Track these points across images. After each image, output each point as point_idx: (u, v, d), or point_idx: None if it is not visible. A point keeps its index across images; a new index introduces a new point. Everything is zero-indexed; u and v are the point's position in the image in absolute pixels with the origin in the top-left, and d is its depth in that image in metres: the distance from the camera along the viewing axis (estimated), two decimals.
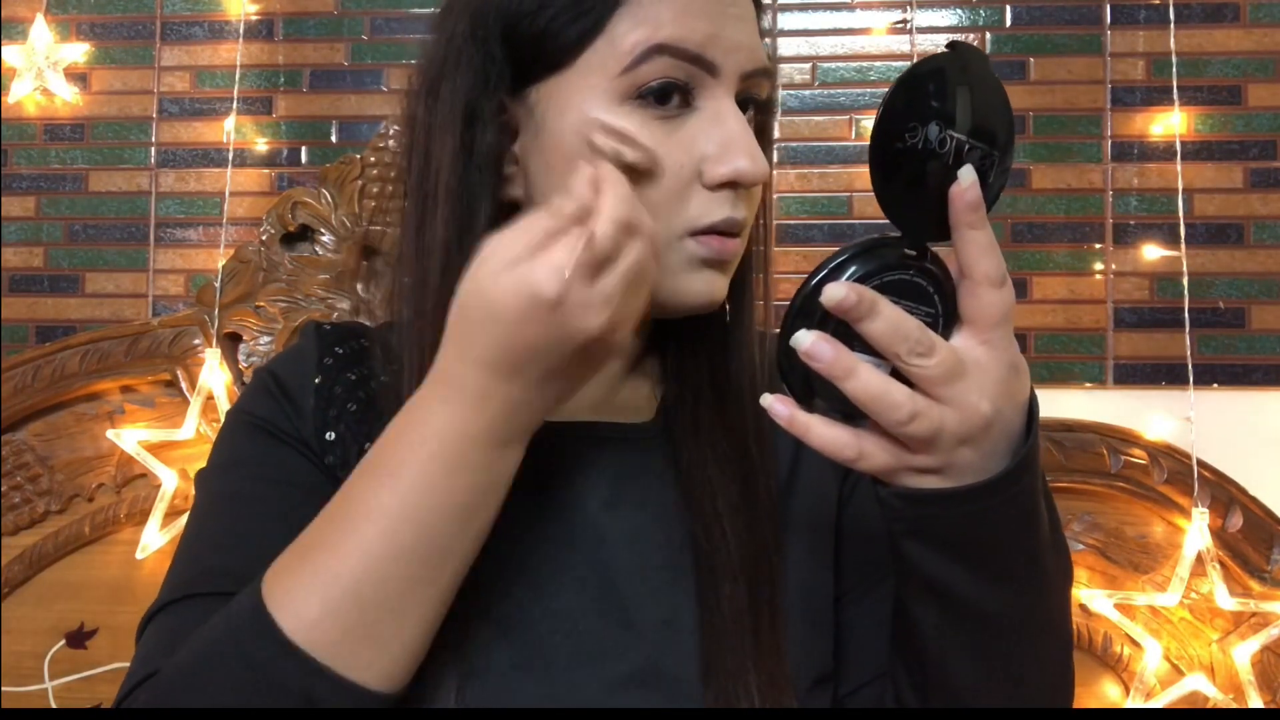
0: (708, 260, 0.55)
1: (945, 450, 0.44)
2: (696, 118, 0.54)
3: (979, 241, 0.44)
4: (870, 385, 0.43)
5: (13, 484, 1.29)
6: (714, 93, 0.54)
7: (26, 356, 1.29)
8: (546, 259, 0.43)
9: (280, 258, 1.30)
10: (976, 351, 0.44)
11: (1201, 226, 1.30)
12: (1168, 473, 1.17)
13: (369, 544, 0.46)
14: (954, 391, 0.43)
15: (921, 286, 0.45)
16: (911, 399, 0.43)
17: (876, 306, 0.42)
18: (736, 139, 0.53)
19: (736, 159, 0.53)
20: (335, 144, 1.40)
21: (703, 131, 0.54)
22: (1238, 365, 1.29)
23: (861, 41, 1.36)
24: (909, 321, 0.43)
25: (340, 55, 1.41)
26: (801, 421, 0.45)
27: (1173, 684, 1.16)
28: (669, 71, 0.53)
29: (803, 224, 1.34)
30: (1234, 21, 1.31)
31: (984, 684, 0.51)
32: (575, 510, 0.58)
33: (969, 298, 0.45)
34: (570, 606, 0.55)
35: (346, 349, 0.63)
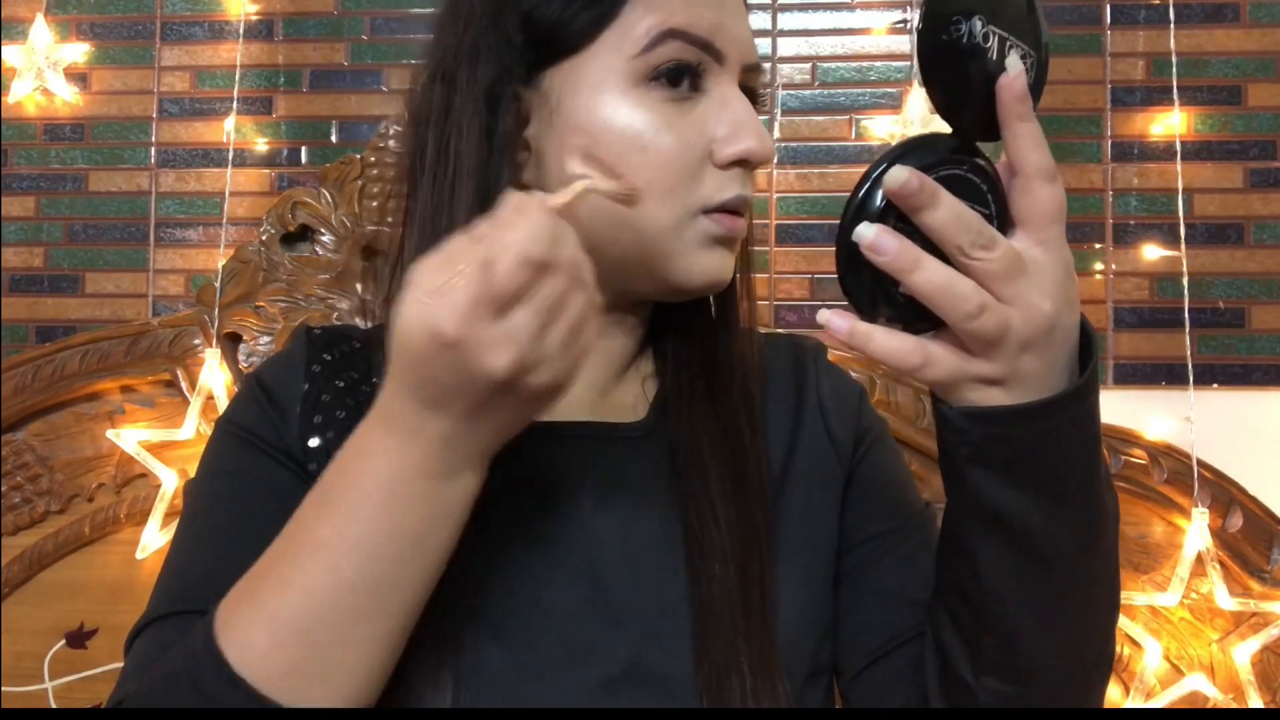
0: (720, 238, 0.56)
1: (1010, 355, 0.43)
2: (706, 101, 0.56)
3: (1030, 134, 0.44)
4: (936, 276, 0.42)
5: (13, 484, 1.29)
6: (720, 78, 0.56)
7: (26, 356, 1.29)
8: (449, 294, 0.41)
9: (280, 258, 1.30)
10: (1034, 251, 0.44)
11: (1201, 226, 1.30)
12: (1168, 473, 1.17)
13: (311, 578, 0.45)
14: (1016, 289, 0.42)
15: (975, 184, 0.44)
16: (978, 291, 0.42)
17: (938, 195, 0.42)
18: (745, 120, 0.55)
19: (746, 139, 0.55)
20: (335, 144, 1.40)
21: (712, 113, 0.56)
22: (1238, 365, 1.29)
23: (861, 41, 1.36)
24: (970, 212, 0.42)
25: (340, 55, 1.41)
26: (862, 332, 0.44)
27: (1173, 684, 1.16)
28: (681, 55, 0.55)
29: (803, 224, 1.34)
30: (1234, 21, 1.31)
31: (1037, 626, 0.51)
32: (568, 511, 0.58)
33: (1022, 195, 0.44)
34: (561, 607, 0.55)
35: (336, 354, 0.62)
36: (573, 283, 0.43)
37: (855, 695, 0.61)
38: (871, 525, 0.63)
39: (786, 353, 0.69)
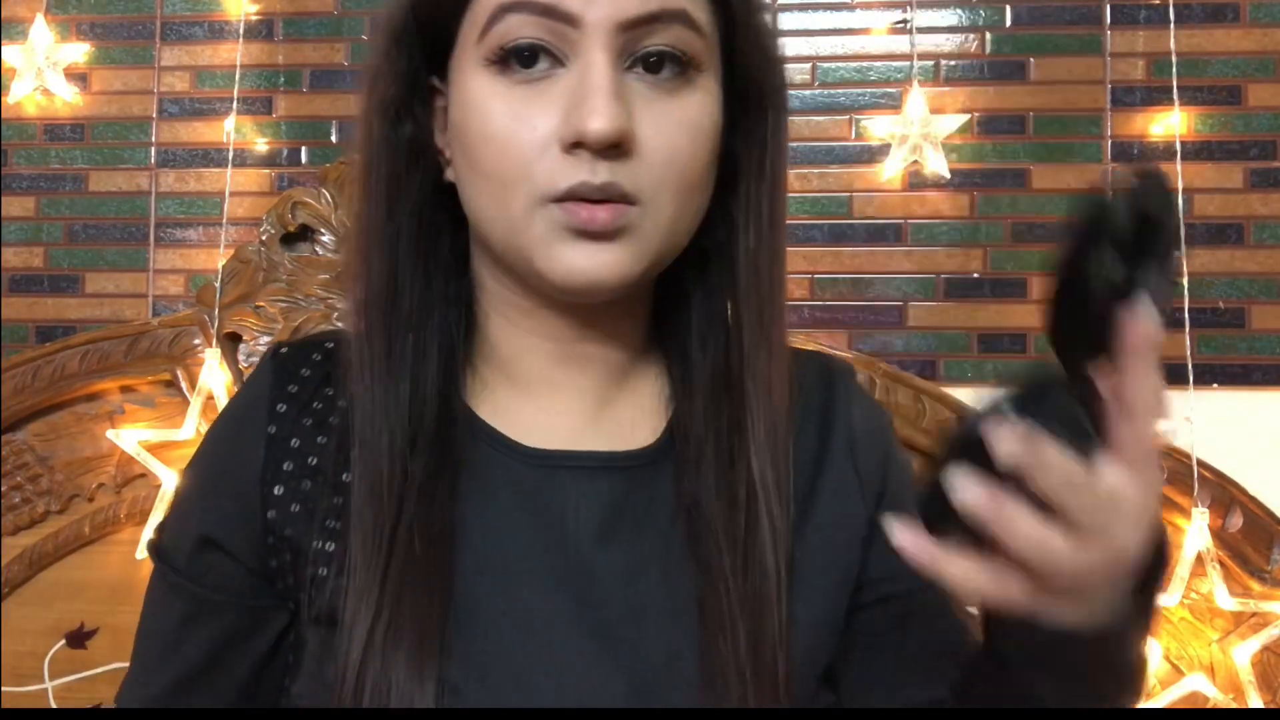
0: (577, 230, 0.50)
1: (1089, 593, 0.41)
2: (566, 78, 0.50)
3: (1151, 378, 0.40)
4: (1031, 539, 0.39)
5: (13, 484, 1.29)
6: (582, 48, 0.50)
7: (26, 356, 1.29)
8: None
9: (280, 258, 1.30)
10: (1129, 487, 0.40)
11: (1201, 226, 1.30)
12: (1168, 473, 1.17)
13: None
14: (1106, 530, 0.40)
15: (1077, 417, 0.41)
16: (1070, 549, 0.39)
17: (1046, 458, 0.39)
18: (589, 94, 0.49)
19: (584, 117, 0.48)
20: (335, 144, 1.40)
21: (568, 91, 0.50)
22: (1238, 365, 1.29)
23: (861, 41, 1.36)
24: (1075, 468, 0.39)
25: (340, 55, 1.41)
26: (937, 558, 0.41)
27: (1173, 684, 1.16)
28: (523, 30, 0.50)
29: (803, 224, 1.34)
30: (1234, 21, 1.31)
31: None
32: (566, 546, 0.54)
33: (1128, 429, 0.40)
34: (561, 650, 0.52)
35: (300, 381, 0.59)
36: None
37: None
38: (893, 584, 0.59)
39: (815, 371, 0.63)
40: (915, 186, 1.33)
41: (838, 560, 0.59)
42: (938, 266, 1.33)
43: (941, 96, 1.33)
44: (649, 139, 0.51)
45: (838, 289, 1.34)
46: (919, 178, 1.32)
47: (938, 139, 1.29)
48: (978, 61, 1.34)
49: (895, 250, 1.33)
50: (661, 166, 0.51)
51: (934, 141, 1.28)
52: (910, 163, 1.30)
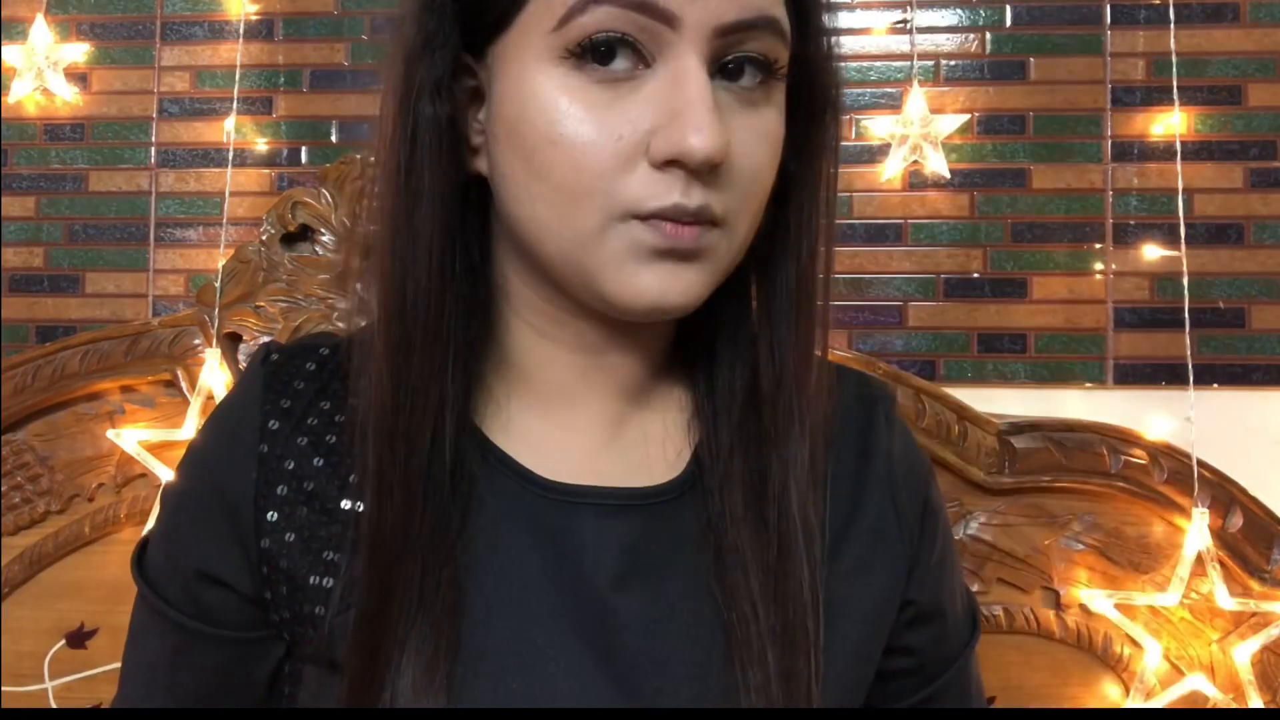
0: (659, 250, 0.46)
1: None
2: (654, 81, 0.45)
3: None
4: None
5: (13, 484, 1.29)
6: (675, 51, 0.45)
7: (26, 356, 1.29)
8: None
9: (280, 258, 1.30)
10: None
11: (1201, 226, 1.30)
12: (1168, 473, 1.17)
13: None
14: None
15: None
16: None
17: None
18: (687, 108, 0.44)
19: (682, 133, 0.44)
20: (335, 144, 1.40)
21: (657, 97, 0.45)
22: (1238, 365, 1.29)
23: (861, 41, 1.36)
24: None
25: (340, 55, 1.41)
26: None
27: (1173, 684, 1.15)
28: (611, 23, 0.44)
29: None
30: (1234, 21, 1.31)
31: None
32: (582, 588, 0.50)
33: None
34: (578, 697, 0.48)
35: (293, 394, 0.54)
36: None
37: None
38: (908, 658, 0.57)
39: (854, 392, 0.60)
40: (915, 186, 1.33)
41: (875, 600, 0.55)
42: (938, 266, 1.33)
43: (941, 96, 1.33)
44: (738, 157, 0.47)
45: (838, 289, 1.33)
46: (919, 178, 1.32)
47: (938, 139, 1.29)
48: (978, 61, 1.34)
49: (895, 250, 1.33)
50: (747, 186, 0.48)
51: (934, 141, 1.28)
52: (910, 163, 1.30)
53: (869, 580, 0.55)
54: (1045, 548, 1.19)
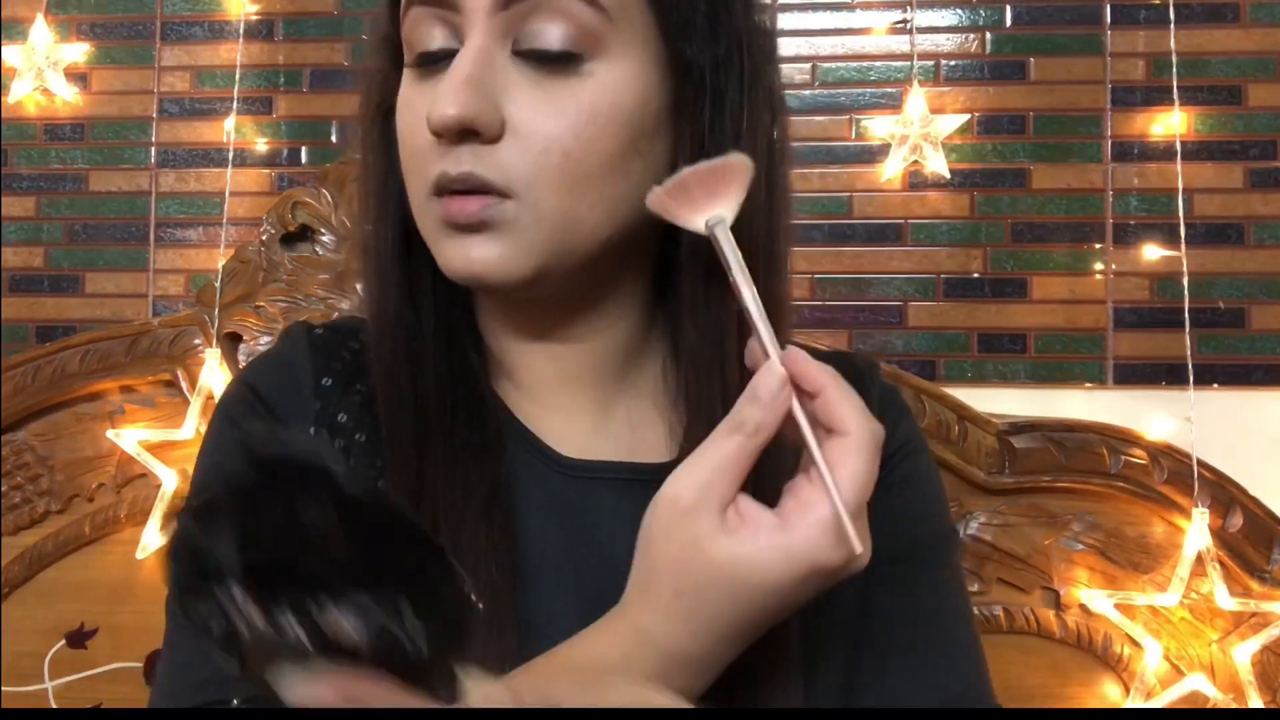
0: (446, 223, 0.49)
1: None
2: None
3: None
4: None
5: (13, 484, 1.29)
6: (468, 33, 0.48)
7: (26, 356, 1.29)
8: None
9: (280, 258, 1.30)
10: None
11: (1201, 226, 1.30)
12: (1168, 473, 1.17)
13: None
14: None
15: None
16: None
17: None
18: (445, 83, 0.47)
19: (431, 104, 0.47)
20: (335, 144, 1.40)
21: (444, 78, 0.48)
22: (1238, 365, 1.29)
23: (861, 41, 1.36)
24: None
25: (340, 55, 1.41)
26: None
27: (1173, 684, 1.16)
28: (426, 23, 0.49)
29: (803, 224, 1.34)
30: (1234, 21, 1.31)
31: None
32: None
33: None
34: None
35: (342, 362, 0.56)
36: None
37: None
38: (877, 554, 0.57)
39: (841, 371, 0.61)
40: (915, 186, 1.33)
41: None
42: (938, 266, 1.33)
43: (941, 96, 1.33)
44: (523, 125, 0.48)
45: (838, 289, 1.34)
46: (919, 178, 1.32)
47: (938, 139, 1.29)
48: (978, 61, 1.34)
49: (895, 250, 1.33)
50: (538, 155, 0.48)
51: (934, 141, 1.28)
52: (910, 163, 1.30)
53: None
54: (1045, 548, 1.19)
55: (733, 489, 0.42)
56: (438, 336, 0.55)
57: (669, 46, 0.50)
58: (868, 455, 0.41)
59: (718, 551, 0.41)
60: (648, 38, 0.50)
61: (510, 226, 0.48)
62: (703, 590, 0.41)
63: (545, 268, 0.50)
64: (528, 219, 0.48)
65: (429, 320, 0.55)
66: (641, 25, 0.49)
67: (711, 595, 0.41)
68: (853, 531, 0.40)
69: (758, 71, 0.52)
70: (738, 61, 0.51)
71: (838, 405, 0.42)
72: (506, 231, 0.48)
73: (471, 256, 0.49)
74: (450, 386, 0.54)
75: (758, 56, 0.52)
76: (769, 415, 0.42)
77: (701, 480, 0.41)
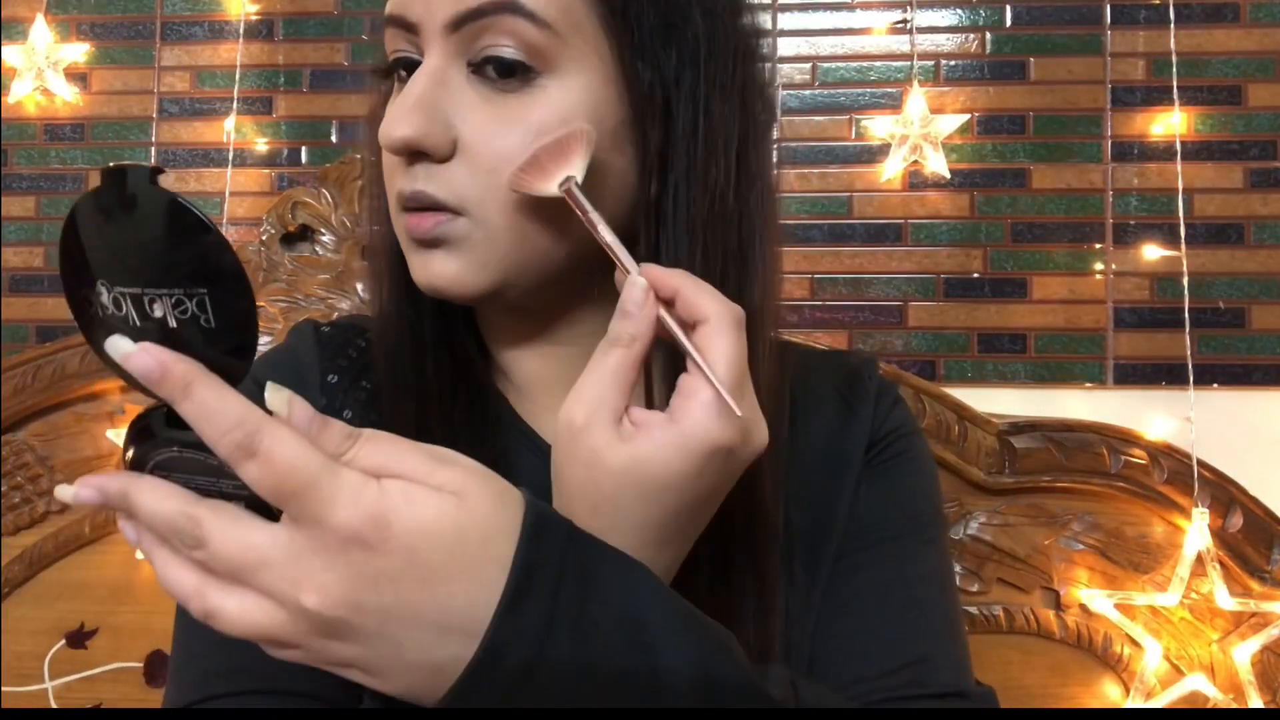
0: (408, 238, 0.51)
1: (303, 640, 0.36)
2: None
3: (202, 412, 0.33)
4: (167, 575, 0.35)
5: (13, 484, 1.29)
6: (426, 52, 0.50)
7: (26, 356, 1.29)
8: None
9: (280, 258, 1.30)
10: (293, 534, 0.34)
11: (1201, 226, 1.30)
12: (1168, 473, 1.17)
13: None
14: (262, 581, 0.34)
15: (197, 460, 0.36)
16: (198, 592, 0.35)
17: (131, 500, 0.35)
18: (397, 103, 0.49)
19: (384, 125, 0.49)
20: (335, 144, 1.40)
21: None
22: (1238, 365, 1.29)
23: (861, 41, 1.36)
24: (174, 515, 0.34)
25: (340, 55, 1.41)
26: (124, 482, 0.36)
27: (1173, 684, 1.16)
28: (396, 44, 0.51)
29: (803, 224, 1.34)
30: (1234, 21, 1.31)
31: None
32: None
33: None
34: None
35: (348, 359, 0.58)
36: None
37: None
38: (862, 526, 0.58)
39: (835, 371, 0.63)
40: (915, 186, 1.33)
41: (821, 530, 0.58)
42: (938, 266, 1.33)
43: (941, 96, 1.33)
44: (473, 144, 0.49)
45: (838, 289, 1.34)
46: (919, 178, 1.32)
47: (938, 139, 1.29)
48: (978, 61, 1.34)
49: (895, 250, 1.33)
50: (487, 175, 0.49)
51: (934, 141, 1.28)
52: (910, 163, 1.30)
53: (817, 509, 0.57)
54: (1045, 548, 1.19)
55: (622, 399, 0.43)
56: (437, 333, 0.57)
57: (624, 64, 0.50)
58: (731, 333, 0.42)
59: (618, 459, 0.42)
60: (602, 55, 0.49)
61: (464, 243, 0.50)
62: (614, 500, 0.42)
63: (503, 282, 0.51)
64: (479, 236, 0.49)
65: (429, 319, 0.57)
66: (595, 42, 0.49)
67: (624, 503, 0.42)
68: (731, 399, 0.41)
69: (721, 89, 0.51)
70: (695, 81, 0.50)
71: (694, 297, 0.43)
72: (460, 247, 0.50)
73: (431, 270, 0.50)
74: (450, 376, 0.56)
75: (722, 74, 0.52)
76: (639, 324, 0.43)
77: (588, 397, 0.43)
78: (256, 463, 0.33)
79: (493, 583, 0.35)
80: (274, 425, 0.33)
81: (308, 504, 0.33)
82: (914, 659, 0.54)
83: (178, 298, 0.35)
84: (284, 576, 0.33)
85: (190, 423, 0.33)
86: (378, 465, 0.35)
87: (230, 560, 0.33)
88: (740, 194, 0.52)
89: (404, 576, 0.34)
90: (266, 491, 0.33)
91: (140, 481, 0.35)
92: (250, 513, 0.35)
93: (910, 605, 0.56)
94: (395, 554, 0.33)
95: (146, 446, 0.37)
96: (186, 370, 0.33)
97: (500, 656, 0.35)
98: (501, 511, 0.36)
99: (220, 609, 0.34)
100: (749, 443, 0.43)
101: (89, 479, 0.35)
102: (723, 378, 0.41)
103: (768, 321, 0.54)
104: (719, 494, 0.45)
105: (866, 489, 0.59)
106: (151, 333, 0.35)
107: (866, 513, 0.58)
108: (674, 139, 0.50)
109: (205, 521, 0.34)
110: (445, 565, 0.34)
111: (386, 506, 0.33)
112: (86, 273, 0.36)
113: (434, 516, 0.34)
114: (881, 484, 0.59)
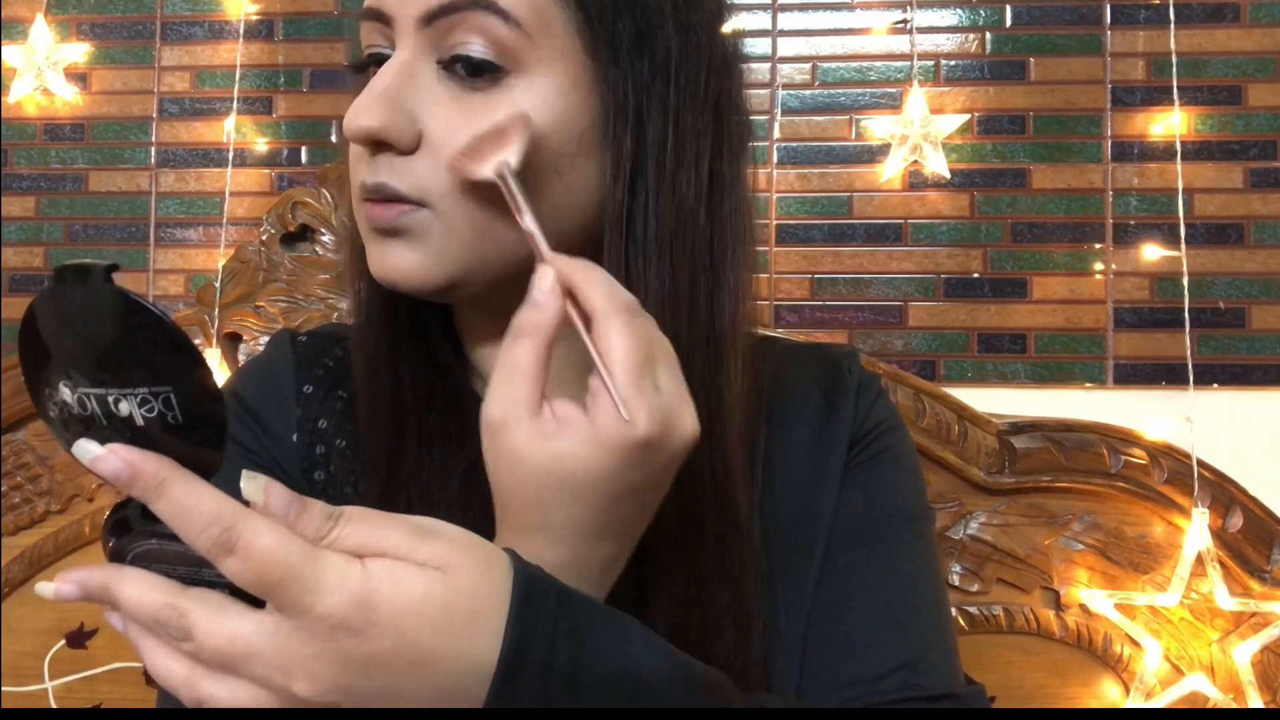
0: (370, 228, 0.51)
1: None
2: None
3: (175, 509, 0.33)
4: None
5: (13, 484, 1.29)
6: (398, 45, 0.50)
7: None
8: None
9: (280, 258, 1.30)
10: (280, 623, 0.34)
11: (1201, 226, 1.30)
12: (1168, 473, 1.17)
13: None
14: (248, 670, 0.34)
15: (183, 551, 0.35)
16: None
17: (113, 593, 0.35)
18: (363, 94, 0.49)
19: (349, 115, 0.49)
20: (335, 144, 1.40)
21: None
22: (1238, 365, 1.29)
23: (861, 41, 1.36)
24: (149, 598, 0.34)
25: (340, 55, 1.41)
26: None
27: (1173, 684, 1.16)
28: (372, 39, 0.51)
29: (803, 224, 1.34)
30: (1234, 21, 1.31)
31: None
32: None
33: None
34: None
35: (324, 369, 0.58)
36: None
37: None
38: (844, 522, 0.57)
39: (818, 364, 0.62)
40: (915, 186, 1.33)
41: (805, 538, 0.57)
42: (938, 266, 1.33)
43: (941, 96, 1.33)
44: (436, 138, 0.49)
45: (838, 289, 1.34)
46: (919, 178, 1.32)
47: (938, 139, 1.29)
48: (978, 61, 1.34)
49: (895, 250, 1.33)
50: (423, 165, 0.49)
51: (934, 141, 1.28)
52: (910, 163, 1.30)
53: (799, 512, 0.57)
54: (1045, 548, 1.19)
55: (535, 391, 0.42)
56: (413, 335, 0.56)
57: (594, 67, 0.49)
58: (622, 327, 0.42)
59: (539, 457, 0.41)
60: (573, 58, 0.49)
61: (424, 235, 0.49)
62: (540, 497, 0.42)
63: (461, 277, 0.50)
64: (440, 229, 0.49)
65: (405, 320, 0.56)
66: (566, 45, 0.49)
67: (550, 499, 0.42)
68: (623, 398, 0.40)
69: (693, 99, 0.51)
70: (665, 90, 0.50)
71: (585, 289, 0.43)
72: (420, 239, 0.49)
73: (389, 261, 0.50)
74: (425, 377, 0.55)
75: (694, 85, 0.51)
76: (544, 314, 0.43)
77: (500, 395, 0.42)
78: (236, 557, 0.32)
79: (484, 658, 0.35)
80: (250, 518, 0.33)
81: (291, 593, 0.33)
82: (906, 661, 0.54)
83: (143, 396, 0.34)
84: (274, 666, 0.33)
85: (165, 521, 0.33)
86: (359, 545, 0.35)
87: (218, 651, 0.33)
88: (712, 207, 0.52)
89: (394, 659, 0.34)
90: (248, 584, 0.33)
91: (122, 574, 0.35)
92: (235, 600, 0.34)
93: (901, 607, 0.56)
94: (384, 637, 0.33)
95: (125, 540, 0.36)
96: (157, 469, 0.33)
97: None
98: (488, 583, 0.36)
99: (212, 698, 0.34)
100: (672, 434, 0.42)
101: (69, 574, 0.35)
102: (616, 376, 0.41)
103: (740, 336, 0.53)
104: (656, 485, 0.44)
105: (851, 488, 0.59)
106: (120, 432, 0.35)
107: (852, 513, 0.58)
108: (644, 147, 0.50)
109: (190, 613, 0.34)
110: (435, 646, 0.34)
111: (371, 589, 0.33)
112: (49, 371, 0.35)
113: (421, 595, 0.34)
114: (866, 482, 0.59)
